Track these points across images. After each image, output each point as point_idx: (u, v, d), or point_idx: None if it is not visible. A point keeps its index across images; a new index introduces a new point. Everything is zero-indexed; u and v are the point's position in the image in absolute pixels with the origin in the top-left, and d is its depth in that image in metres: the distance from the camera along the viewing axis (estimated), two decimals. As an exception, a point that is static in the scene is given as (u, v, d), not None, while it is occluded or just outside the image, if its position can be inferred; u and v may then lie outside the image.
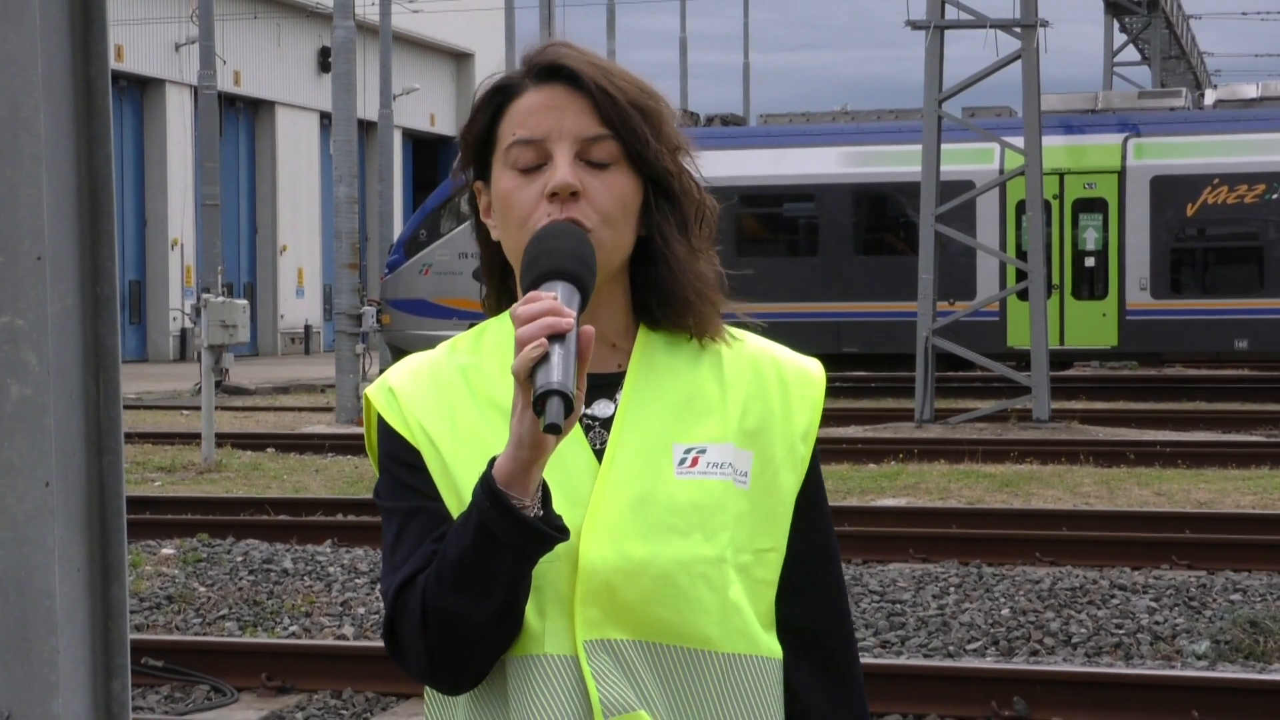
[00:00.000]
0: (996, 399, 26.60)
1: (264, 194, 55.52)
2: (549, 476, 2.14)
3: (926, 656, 9.64)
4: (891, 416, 24.79)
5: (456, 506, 2.22)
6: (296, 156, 56.30)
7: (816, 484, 2.36)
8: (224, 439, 21.22)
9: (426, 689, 2.32)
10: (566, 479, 2.20)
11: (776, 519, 2.30)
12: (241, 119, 54.70)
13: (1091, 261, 29.84)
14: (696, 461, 2.25)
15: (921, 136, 24.02)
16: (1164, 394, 29.83)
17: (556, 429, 2.02)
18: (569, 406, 2.02)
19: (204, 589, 11.53)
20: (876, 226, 31.12)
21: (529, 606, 2.18)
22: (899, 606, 10.67)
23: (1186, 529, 13.40)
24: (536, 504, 2.12)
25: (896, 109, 32.56)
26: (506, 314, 2.35)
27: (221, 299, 21.11)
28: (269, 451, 21.04)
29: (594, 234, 2.22)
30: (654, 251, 2.31)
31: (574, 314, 2.09)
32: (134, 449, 20.73)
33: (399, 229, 45.32)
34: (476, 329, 2.38)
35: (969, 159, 28.13)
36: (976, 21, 23.77)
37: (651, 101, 2.31)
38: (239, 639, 10.08)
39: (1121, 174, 29.52)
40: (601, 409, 2.28)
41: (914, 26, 24.05)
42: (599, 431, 2.27)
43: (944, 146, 23.98)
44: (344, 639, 10.27)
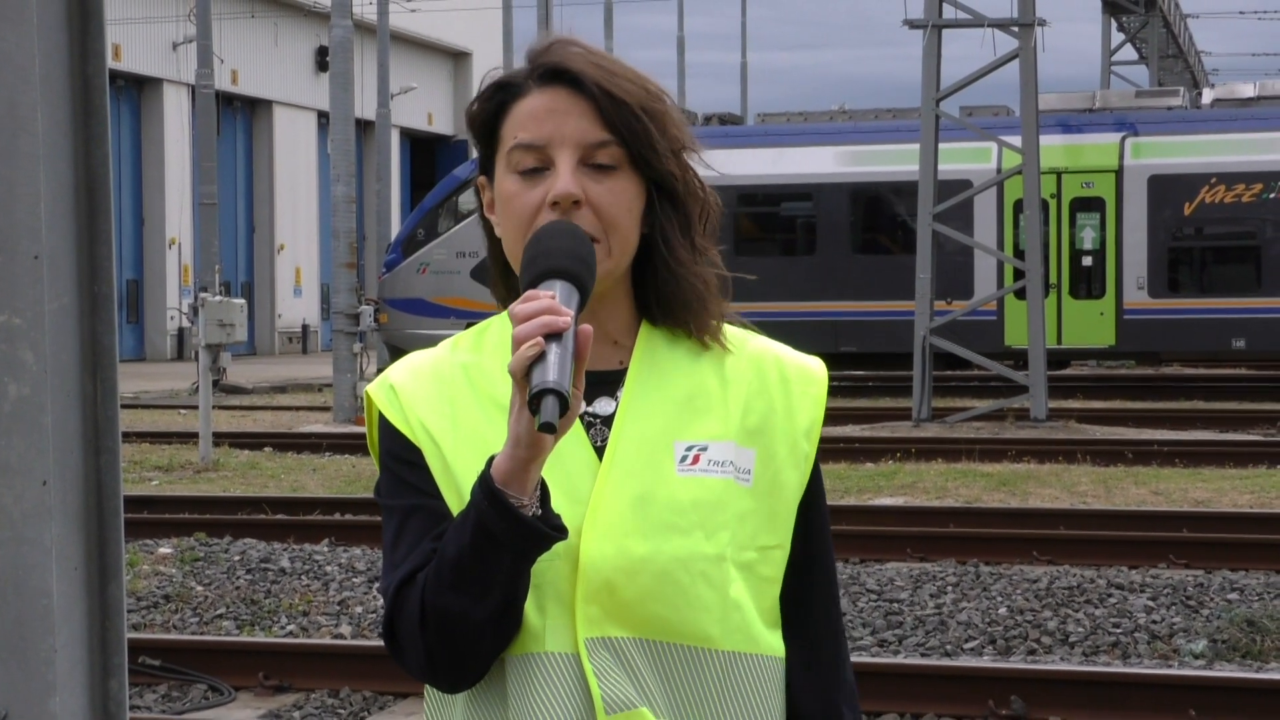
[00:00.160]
0: (994, 398, 26.61)
1: (261, 193, 55.51)
2: (548, 474, 2.13)
3: (924, 656, 9.64)
4: (889, 415, 24.80)
5: (457, 504, 2.21)
6: (294, 156, 56.30)
7: (817, 482, 2.36)
8: (221, 438, 21.21)
9: (426, 687, 2.31)
10: (566, 476, 2.20)
11: (780, 516, 2.30)
12: (239, 118, 54.69)
13: (1089, 260, 29.84)
14: (698, 459, 2.25)
15: (919, 136, 24.02)
16: (1161, 393, 29.84)
17: (551, 428, 2.01)
18: (564, 405, 2.01)
19: (201, 588, 11.53)
20: (874, 226, 31.12)
21: (529, 604, 2.18)
22: (896, 605, 10.67)
23: (1184, 528, 13.40)
24: (535, 503, 2.11)
25: (894, 108, 32.58)
26: (507, 313, 2.35)
27: (219, 298, 21.11)
28: (266, 451, 21.04)
29: (598, 242, 2.21)
30: (656, 252, 2.30)
31: (572, 313, 2.07)
32: (131, 448, 20.72)
33: (396, 228, 45.28)
34: (479, 327, 2.37)
35: (966, 158, 28.14)
36: (974, 21, 23.77)
37: (656, 103, 2.28)
38: (236, 638, 10.08)
39: (1119, 173, 29.53)
40: (603, 406, 2.27)
41: (912, 26, 24.05)
42: (600, 429, 2.26)
43: (941, 146, 23.98)
44: (341, 638, 10.27)
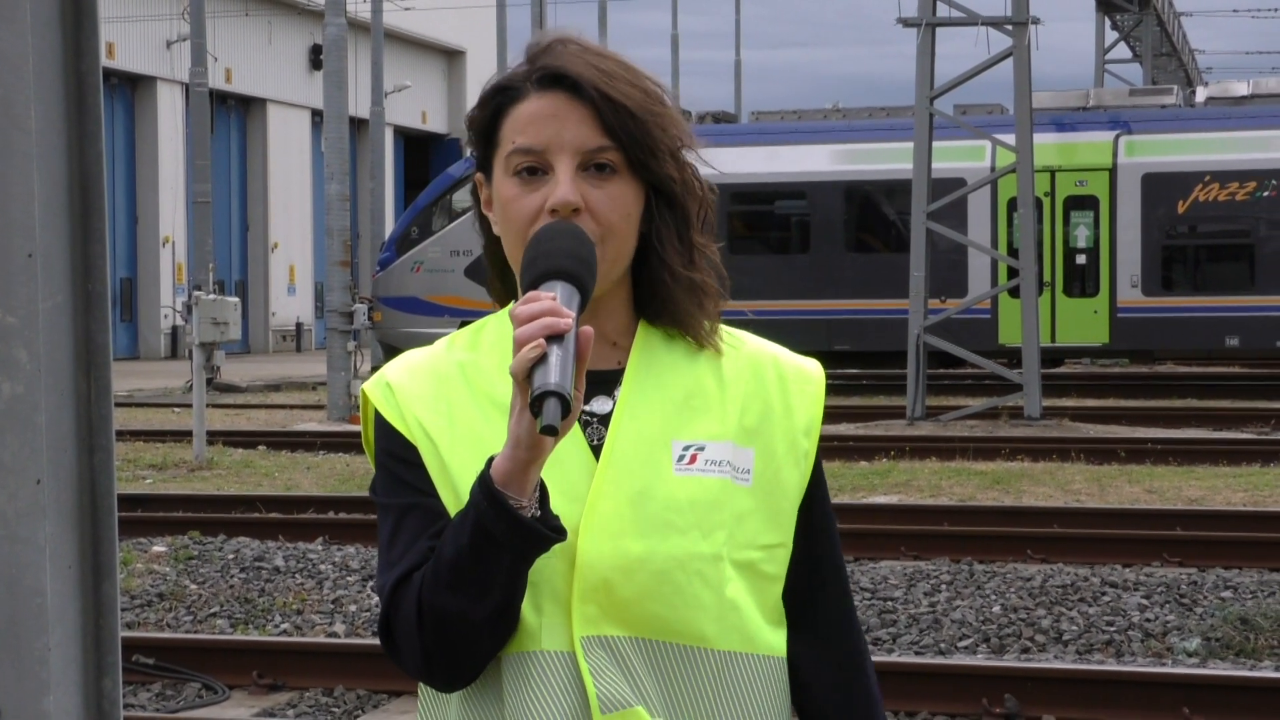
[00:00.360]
0: (988, 396, 26.62)
1: (255, 191, 55.48)
2: (545, 473, 2.13)
3: (918, 654, 9.65)
4: (883, 414, 24.81)
5: (453, 503, 2.21)
6: (288, 154, 56.26)
7: (819, 480, 2.36)
8: (215, 436, 21.21)
9: (420, 685, 2.31)
10: (563, 475, 2.19)
11: (782, 515, 2.30)
12: (233, 116, 54.65)
13: (1083, 259, 29.86)
14: (695, 459, 2.24)
15: (913, 134, 24.04)
16: (1155, 391, 29.86)
17: (554, 431, 2.01)
18: (566, 408, 2.01)
19: (195, 586, 11.52)
20: (868, 224, 31.12)
21: (525, 603, 2.18)
22: (890, 604, 10.68)
23: (1177, 526, 13.41)
24: (534, 504, 2.11)
25: (888, 106, 32.59)
26: (505, 311, 2.35)
27: (213, 296, 21.10)
28: (260, 449, 21.03)
29: (597, 247, 2.20)
30: (653, 254, 2.29)
31: (573, 314, 2.07)
32: (125, 446, 20.72)
33: (390, 226, 45.27)
34: (475, 325, 2.36)
35: (960, 156, 28.16)
36: (968, 19, 23.78)
37: (655, 104, 2.27)
38: (230, 636, 10.07)
39: (1113, 171, 29.54)
40: (600, 405, 2.27)
41: (906, 24, 24.06)
42: (596, 428, 2.26)
43: (935, 144, 24.00)
44: (335, 636, 10.27)
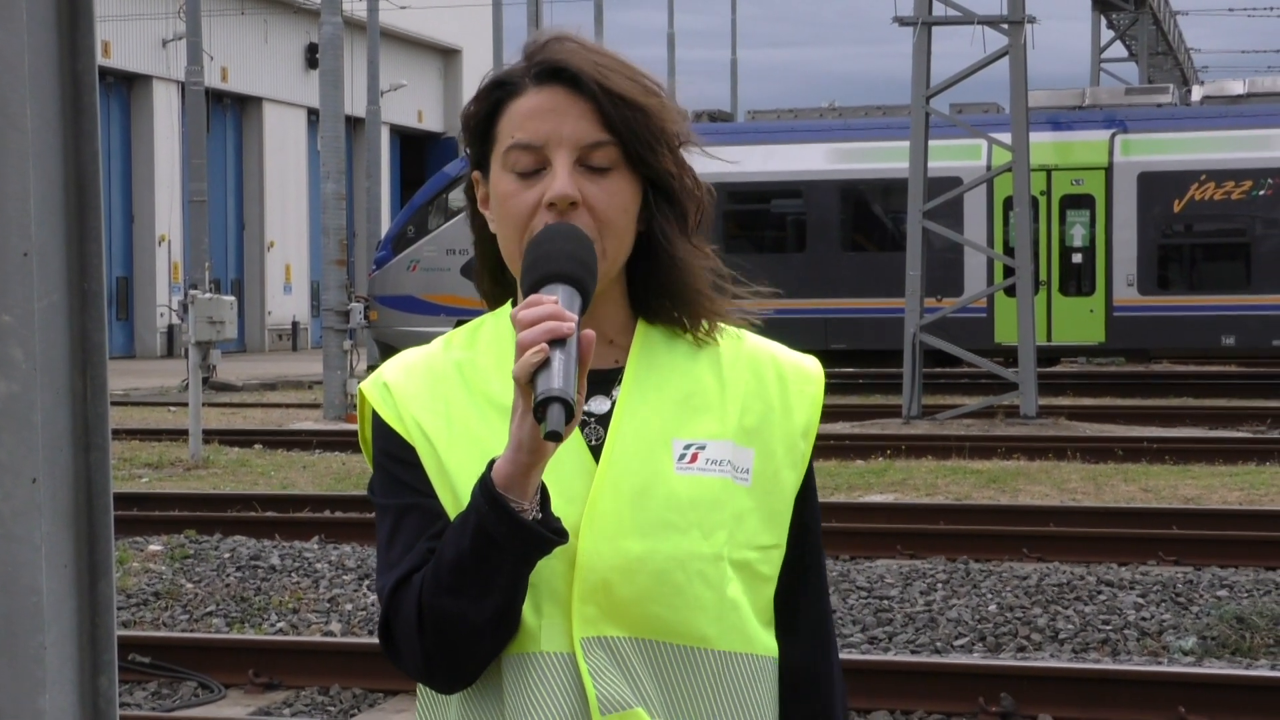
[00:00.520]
0: (984, 395, 26.63)
1: (251, 190, 55.48)
2: (543, 474, 2.12)
3: (914, 653, 9.65)
4: (879, 413, 24.81)
5: (452, 503, 2.20)
6: (284, 153, 56.26)
7: (810, 482, 2.36)
8: (211, 435, 21.20)
9: (418, 686, 2.30)
10: (561, 476, 2.17)
11: (779, 516, 2.29)
12: (229, 115, 54.64)
13: (1079, 258, 29.87)
14: (696, 458, 2.23)
15: (909, 133, 24.05)
16: (1151, 390, 29.87)
17: (558, 436, 2.00)
18: (570, 413, 2.00)
19: (191, 585, 11.52)
20: (864, 223, 31.13)
21: (525, 604, 2.17)
22: (886, 603, 10.68)
23: (1173, 525, 13.41)
24: (535, 507, 2.10)
25: (884, 105, 32.58)
26: (501, 310, 2.34)
27: (209, 295, 21.08)
28: (256, 448, 21.03)
29: (594, 242, 2.19)
30: (654, 250, 2.28)
31: (575, 318, 2.06)
32: (121, 445, 20.71)
33: (386, 225, 45.30)
34: (472, 324, 2.35)
35: (956, 155, 28.16)
36: (964, 18, 23.78)
37: (655, 100, 2.25)
38: (226, 635, 10.07)
39: (1109, 170, 29.55)
40: (597, 405, 2.25)
41: (902, 23, 24.06)
42: (594, 428, 2.24)
43: (931, 143, 24.01)
44: (331, 635, 10.26)
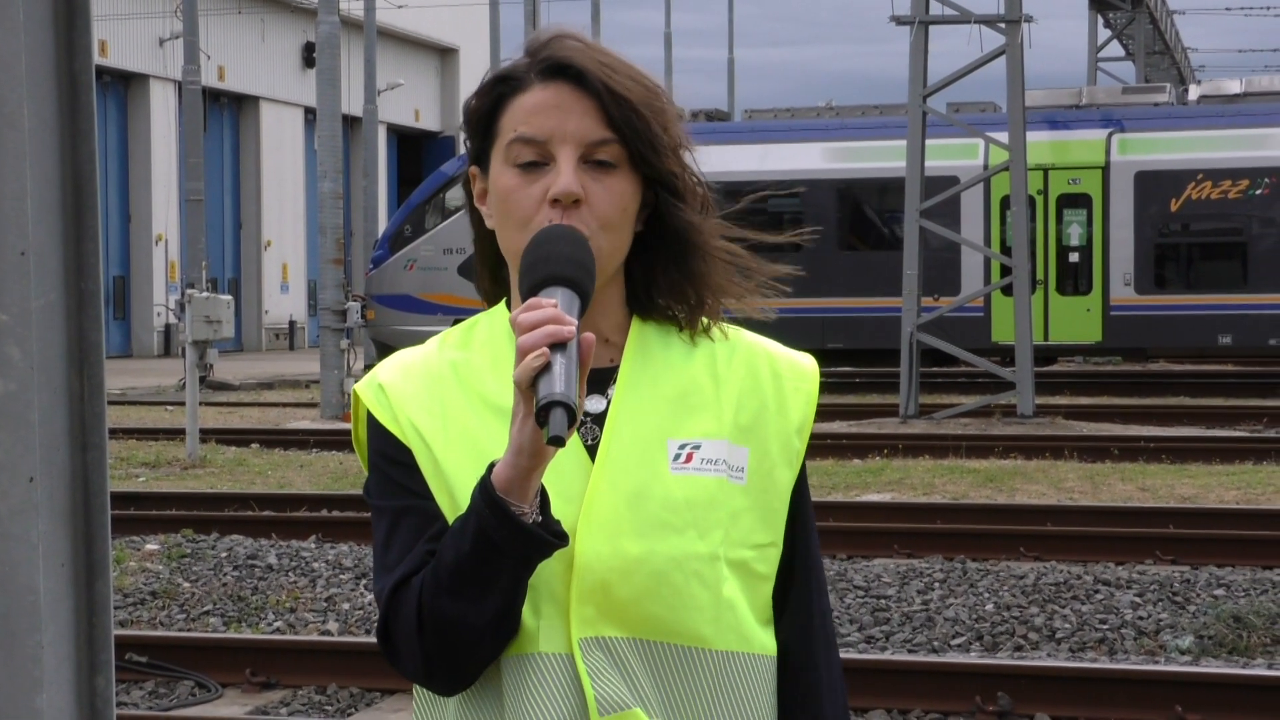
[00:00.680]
0: (981, 394, 26.63)
1: (248, 189, 55.45)
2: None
3: (911, 652, 9.65)
4: (876, 412, 24.81)
5: (448, 504, 2.20)
6: (281, 152, 56.23)
7: (803, 479, 2.35)
8: (208, 434, 21.19)
9: (415, 687, 2.30)
10: (558, 476, 2.17)
11: (774, 514, 2.29)
12: (226, 114, 54.62)
13: (1076, 257, 29.87)
14: (691, 457, 2.23)
15: (906, 132, 24.04)
16: (1148, 389, 29.87)
17: (561, 441, 1.99)
18: (573, 417, 2.00)
19: (188, 585, 11.51)
20: (861, 222, 31.14)
21: (524, 605, 2.17)
22: (883, 602, 10.68)
23: (1170, 524, 13.41)
24: (535, 510, 2.10)
25: (881, 104, 32.58)
26: (496, 309, 2.33)
27: (206, 294, 21.09)
28: (253, 447, 21.02)
29: (592, 240, 2.18)
30: (650, 249, 2.28)
31: (575, 322, 2.05)
32: (118, 444, 20.70)
33: (383, 224, 45.27)
34: (467, 323, 2.35)
35: (953, 154, 28.17)
36: (961, 17, 23.78)
37: (657, 101, 2.25)
38: (223, 635, 10.07)
39: (1106, 169, 29.56)
40: (593, 404, 2.25)
41: (899, 22, 24.05)
42: (590, 427, 2.24)
43: (928, 142, 24.00)
44: (328, 634, 10.26)
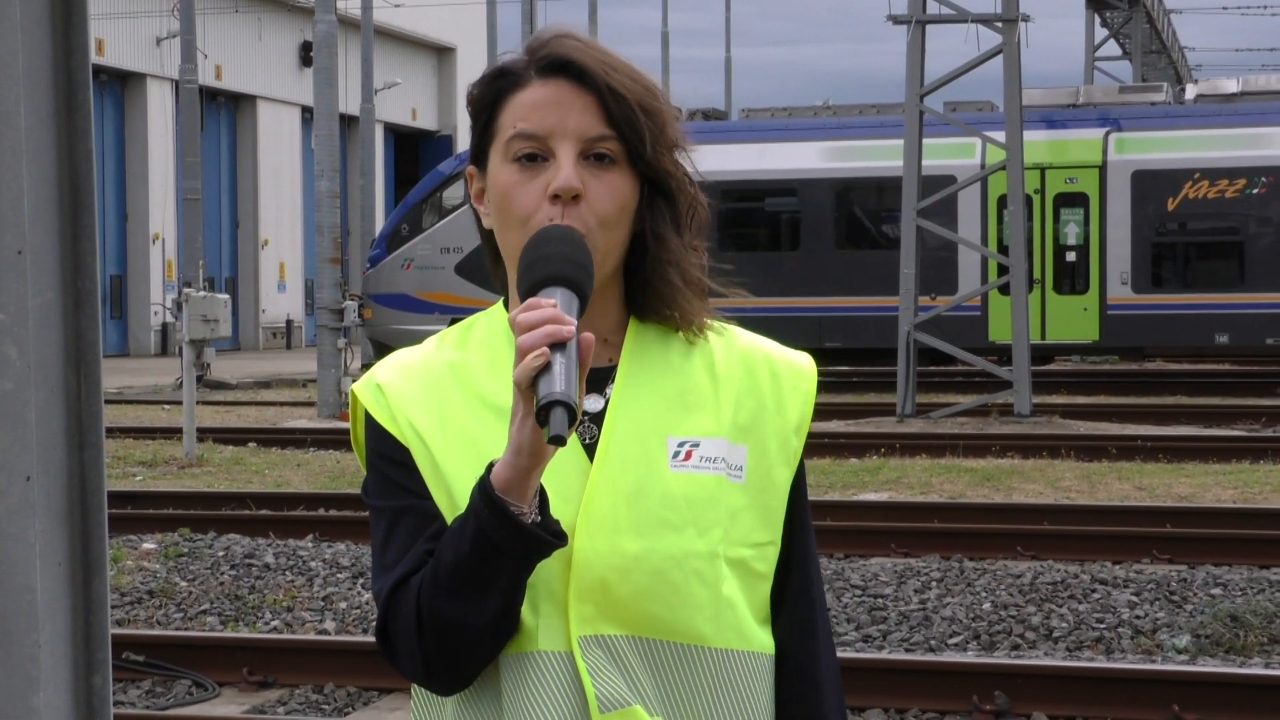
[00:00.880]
0: (978, 393, 26.64)
1: (245, 188, 55.43)
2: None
3: (908, 651, 9.65)
4: (873, 411, 24.81)
5: (447, 504, 2.20)
6: (278, 151, 56.22)
7: (801, 478, 2.35)
8: (205, 434, 21.19)
9: (414, 686, 2.30)
10: (556, 475, 2.17)
11: (773, 513, 2.29)
12: (223, 113, 54.60)
13: (1073, 256, 29.88)
14: (690, 455, 2.23)
15: (903, 131, 24.04)
16: (1145, 388, 29.89)
17: (562, 441, 2.00)
18: (573, 417, 2.00)
19: (185, 584, 11.51)
20: (858, 221, 31.14)
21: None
22: (880, 601, 10.68)
23: (1167, 523, 13.42)
24: (534, 510, 2.10)
25: (878, 104, 32.58)
26: (493, 309, 2.34)
27: (203, 293, 21.06)
28: (250, 446, 21.02)
29: (590, 238, 2.18)
30: (652, 246, 2.28)
31: (575, 322, 2.06)
32: (115, 443, 20.70)
33: (381, 223, 45.27)
34: (465, 323, 2.35)
35: (950, 154, 28.16)
36: (958, 16, 23.78)
37: (655, 101, 2.26)
38: (220, 634, 10.06)
39: (1103, 168, 29.56)
40: (591, 403, 2.25)
41: (895, 21, 24.06)
42: (588, 426, 2.24)
43: (925, 141, 24.01)
44: (326, 634, 10.26)
